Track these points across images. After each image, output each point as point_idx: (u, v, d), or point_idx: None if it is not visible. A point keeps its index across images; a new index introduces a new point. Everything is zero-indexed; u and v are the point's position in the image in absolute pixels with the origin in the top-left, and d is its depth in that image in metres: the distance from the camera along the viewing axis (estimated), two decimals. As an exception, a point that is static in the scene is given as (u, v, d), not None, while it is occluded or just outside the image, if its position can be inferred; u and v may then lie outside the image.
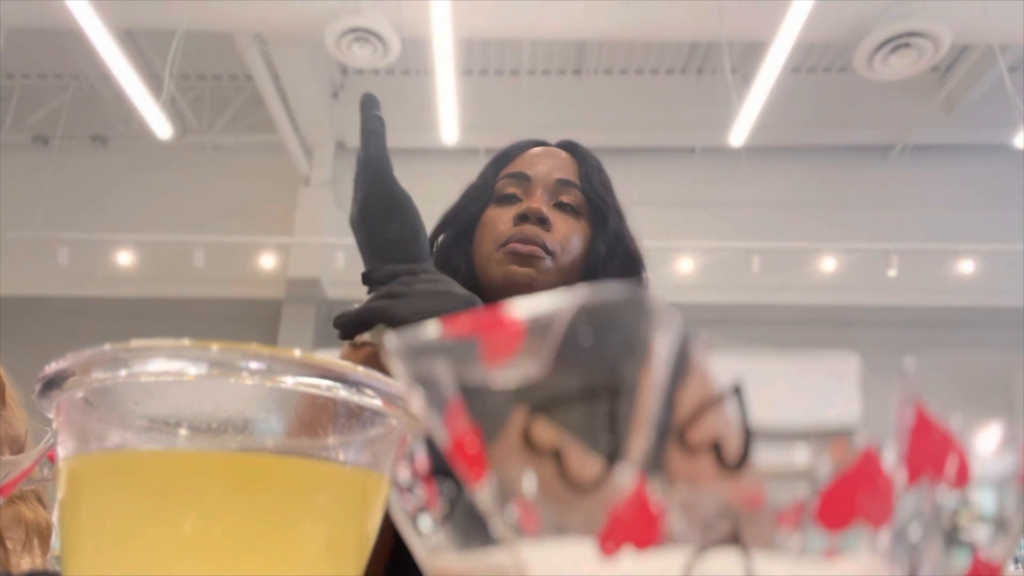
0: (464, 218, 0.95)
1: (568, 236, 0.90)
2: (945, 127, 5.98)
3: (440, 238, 0.97)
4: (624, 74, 6.07)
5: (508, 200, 0.93)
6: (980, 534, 0.21)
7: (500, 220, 0.90)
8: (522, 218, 0.88)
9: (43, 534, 0.91)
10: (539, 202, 0.90)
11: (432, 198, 1.00)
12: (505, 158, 0.98)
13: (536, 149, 0.98)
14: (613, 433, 0.16)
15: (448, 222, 0.97)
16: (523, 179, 0.93)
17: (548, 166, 0.94)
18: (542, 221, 0.88)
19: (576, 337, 0.16)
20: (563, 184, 0.92)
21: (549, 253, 0.87)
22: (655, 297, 0.17)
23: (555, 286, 0.89)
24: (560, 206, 0.92)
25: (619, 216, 0.95)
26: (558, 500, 0.17)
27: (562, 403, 0.17)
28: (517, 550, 0.17)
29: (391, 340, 0.18)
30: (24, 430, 0.94)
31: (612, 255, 0.93)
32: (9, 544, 0.88)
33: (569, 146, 1.00)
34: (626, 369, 0.17)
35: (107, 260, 5.61)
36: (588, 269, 0.92)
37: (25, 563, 0.88)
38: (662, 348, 0.17)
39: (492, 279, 0.88)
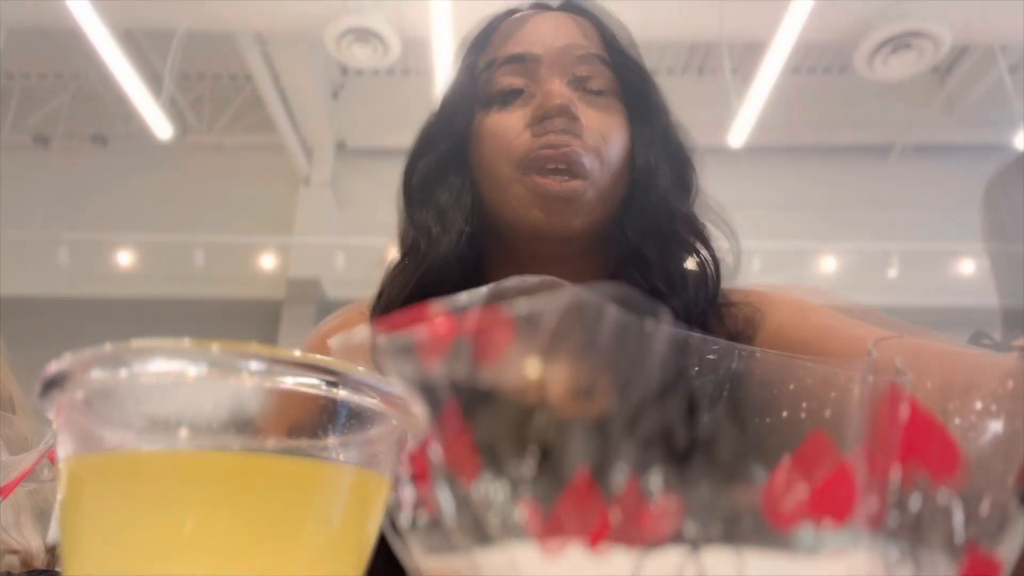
0: (451, 134, 0.66)
1: (607, 137, 0.62)
2: (945, 127, 5.98)
3: (420, 165, 0.67)
4: (624, 74, 6.06)
5: (513, 97, 0.64)
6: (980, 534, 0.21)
7: (510, 129, 0.63)
8: (542, 119, 0.61)
9: None
10: (560, 93, 0.61)
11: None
12: (489, 37, 0.68)
13: (534, 18, 0.67)
14: (608, 433, 0.16)
15: (429, 142, 0.68)
16: (529, 61, 0.64)
17: (559, 37, 0.65)
18: (573, 119, 0.60)
19: (567, 336, 0.16)
20: (586, 60, 0.64)
21: (584, 173, 0.61)
22: (644, 296, 0.17)
23: (593, 217, 0.63)
24: (587, 95, 0.64)
25: (661, 99, 0.69)
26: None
27: (554, 402, 0.17)
28: (511, 550, 0.17)
29: (382, 340, 0.18)
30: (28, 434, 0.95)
31: (660, 160, 0.66)
32: None
33: (575, 6, 0.69)
34: (618, 367, 0.17)
35: (107, 260, 5.62)
36: (634, 184, 0.64)
37: None
38: (654, 346, 0.17)
39: (514, 208, 0.62)
